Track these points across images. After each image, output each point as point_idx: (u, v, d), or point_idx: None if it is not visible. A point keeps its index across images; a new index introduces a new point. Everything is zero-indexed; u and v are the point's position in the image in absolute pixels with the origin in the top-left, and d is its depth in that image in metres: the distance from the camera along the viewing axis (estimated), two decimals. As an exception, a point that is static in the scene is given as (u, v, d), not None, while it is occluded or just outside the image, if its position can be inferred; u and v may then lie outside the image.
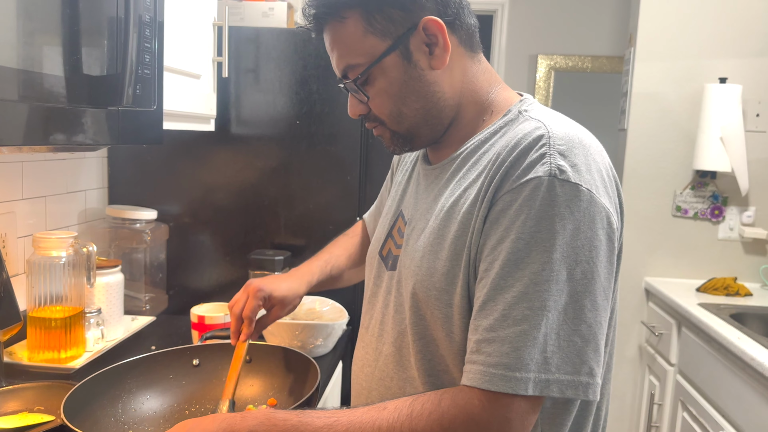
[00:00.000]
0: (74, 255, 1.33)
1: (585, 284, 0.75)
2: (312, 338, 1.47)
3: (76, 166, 1.67)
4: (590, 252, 0.75)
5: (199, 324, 1.48)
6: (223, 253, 1.81)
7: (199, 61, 1.51)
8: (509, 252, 0.75)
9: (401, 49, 0.85)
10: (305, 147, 1.75)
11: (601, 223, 0.76)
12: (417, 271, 0.87)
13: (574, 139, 0.79)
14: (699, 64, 2.65)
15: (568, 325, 0.74)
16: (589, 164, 0.78)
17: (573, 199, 0.75)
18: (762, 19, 2.60)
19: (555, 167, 0.75)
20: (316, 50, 1.71)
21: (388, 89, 0.87)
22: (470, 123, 0.92)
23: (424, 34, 0.85)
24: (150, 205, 1.76)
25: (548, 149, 0.77)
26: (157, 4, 1.10)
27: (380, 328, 0.96)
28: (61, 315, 1.31)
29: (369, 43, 0.85)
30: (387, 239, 1.01)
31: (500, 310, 0.75)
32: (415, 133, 0.91)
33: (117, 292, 1.50)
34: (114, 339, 1.47)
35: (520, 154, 0.78)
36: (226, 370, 1.18)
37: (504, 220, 0.77)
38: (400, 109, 0.89)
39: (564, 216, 0.74)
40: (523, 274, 0.74)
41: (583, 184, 0.75)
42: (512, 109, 0.89)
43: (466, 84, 0.90)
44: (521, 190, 0.76)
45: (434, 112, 0.89)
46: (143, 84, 1.05)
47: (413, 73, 0.86)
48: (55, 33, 0.89)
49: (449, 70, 0.88)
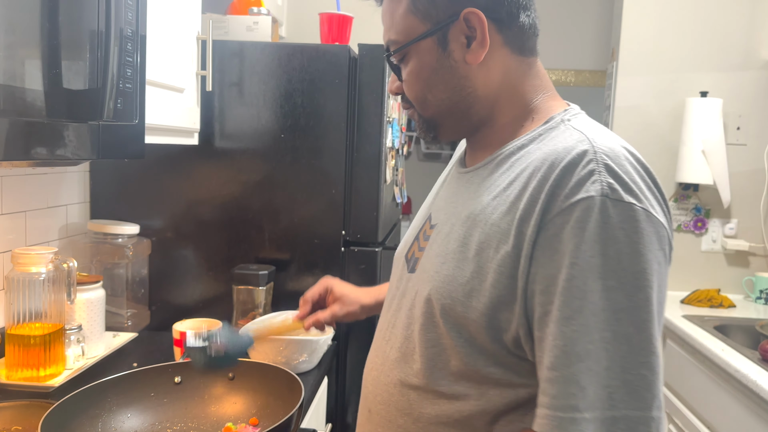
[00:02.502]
0: (54, 271, 1.31)
1: (648, 311, 0.70)
2: (296, 354, 1.45)
3: (58, 180, 1.65)
4: (650, 276, 0.70)
5: (181, 340, 1.46)
6: (206, 268, 1.79)
7: (183, 75, 1.51)
8: (564, 281, 0.71)
9: (439, 35, 0.84)
10: (290, 161, 1.74)
11: (659, 242, 0.72)
12: (435, 277, 0.84)
13: (620, 154, 0.75)
14: (680, 78, 2.68)
15: (633, 357, 0.69)
16: (638, 179, 0.74)
17: (628, 220, 0.70)
18: (741, 34, 2.65)
19: (606, 186, 0.71)
20: (300, 64, 1.71)
21: (419, 73, 0.87)
22: (508, 126, 0.87)
23: (465, 26, 0.83)
24: (132, 219, 1.74)
25: (596, 165, 0.73)
26: (139, 18, 1.09)
27: (390, 332, 0.93)
28: (41, 332, 1.29)
29: (409, 23, 0.85)
30: (414, 242, 0.97)
31: (561, 347, 0.70)
32: (439, 122, 0.90)
33: (98, 308, 1.47)
34: (95, 356, 1.44)
35: (565, 171, 0.73)
36: (208, 388, 1.18)
37: (557, 247, 0.72)
38: (425, 94, 0.88)
39: (619, 239, 0.70)
40: (582, 305, 0.69)
41: (636, 202, 0.71)
42: (555, 116, 0.85)
43: (506, 85, 0.86)
44: (571, 211, 0.71)
45: (461, 106, 0.87)
46: (125, 98, 1.04)
47: (445, 63, 0.85)
48: (35, 47, 0.88)
49: (485, 68, 0.85)
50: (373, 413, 0.92)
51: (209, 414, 1.15)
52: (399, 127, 2.04)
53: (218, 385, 1.18)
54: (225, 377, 1.18)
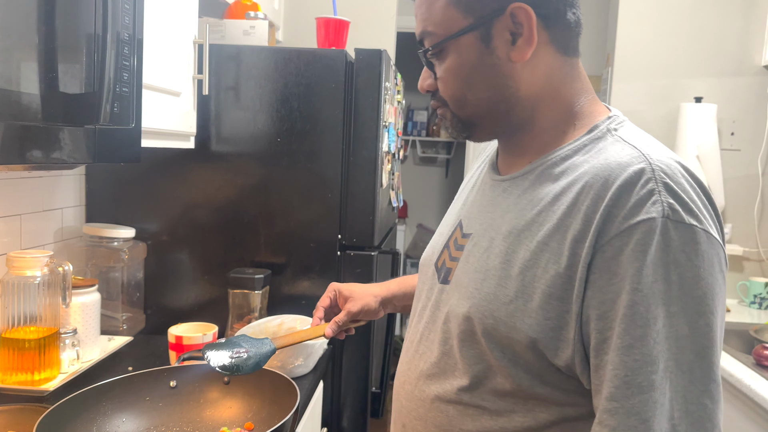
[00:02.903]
0: (49, 274, 1.30)
1: (710, 337, 0.67)
2: (292, 358, 1.45)
3: (53, 183, 1.65)
4: (712, 301, 0.68)
5: (176, 345, 1.46)
6: (201, 271, 1.79)
7: (179, 79, 1.51)
8: (625, 307, 0.67)
9: (482, 30, 0.78)
10: (286, 164, 1.75)
11: (718, 265, 0.69)
12: (475, 294, 0.80)
13: (676, 171, 0.71)
14: (675, 84, 2.70)
15: (695, 386, 0.67)
16: (696, 198, 0.70)
17: (689, 243, 0.67)
18: (736, 40, 2.66)
19: (667, 207, 0.68)
20: (297, 68, 1.71)
21: (458, 70, 0.81)
22: (548, 131, 0.83)
23: (511, 21, 0.77)
24: (128, 223, 1.74)
25: (655, 185, 0.69)
26: (136, 22, 1.09)
27: (423, 345, 0.89)
28: (35, 336, 1.28)
29: (449, 15, 0.79)
30: (443, 249, 0.93)
31: (622, 377, 0.67)
32: (476, 123, 0.84)
33: (93, 312, 1.47)
34: (90, 360, 1.44)
35: (621, 190, 0.70)
36: (203, 392, 1.17)
37: (616, 270, 0.68)
38: (464, 93, 0.82)
39: (681, 263, 0.67)
40: (644, 333, 0.66)
41: (697, 224, 0.68)
42: (600, 125, 0.80)
43: (549, 87, 0.81)
44: (631, 233, 0.68)
45: (501, 107, 0.82)
46: (121, 102, 1.04)
47: (488, 60, 0.79)
48: (31, 50, 0.88)
49: (530, 67, 0.80)
50: (408, 428, 0.89)
51: (204, 418, 1.15)
52: (395, 132, 2.04)
53: (213, 390, 1.17)
54: (220, 381, 1.18)
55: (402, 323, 4.55)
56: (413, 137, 4.72)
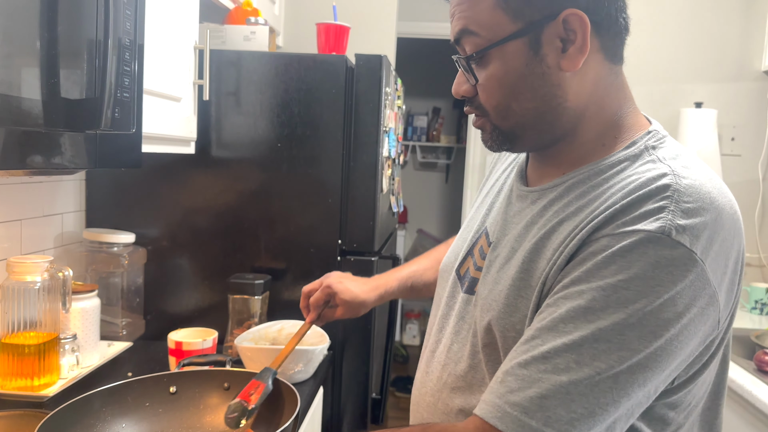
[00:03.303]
0: (49, 280, 1.30)
1: (653, 360, 0.65)
2: (292, 364, 1.45)
3: (53, 188, 1.65)
4: (676, 330, 0.65)
5: (176, 350, 1.46)
6: (201, 277, 1.78)
7: (180, 84, 1.51)
8: (585, 299, 0.66)
9: (531, 36, 0.73)
10: (286, 170, 1.75)
11: (701, 301, 0.66)
12: (494, 306, 0.78)
13: (706, 199, 0.68)
14: (675, 89, 2.70)
15: (612, 393, 0.64)
16: (714, 233, 0.67)
17: (680, 267, 0.64)
18: (736, 45, 2.67)
19: (671, 225, 0.65)
20: (297, 74, 1.71)
21: (503, 78, 0.75)
22: (588, 143, 0.79)
23: (563, 28, 0.73)
24: (128, 228, 1.73)
25: (670, 203, 0.66)
26: (137, 27, 1.09)
27: (447, 356, 0.87)
28: (35, 341, 1.28)
29: (496, 19, 0.74)
30: (467, 257, 0.91)
31: (543, 351, 0.66)
32: (519, 134, 0.79)
33: (93, 318, 1.47)
34: (89, 365, 1.44)
35: (635, 200, 0.68)
36: (204, 398, 1.17)
37: (590, 263, 0.67)
38: (509, 103, 0.77)
39: (663, 282, 0.64)
40: (588, 327, 0.65)
41: (697, 253, 0.65)
42: (638, 141, 0.77)
43: (596, 96, 0.77)
44: (622, 238, 0.66)
45: (548, 117, 0.77)
46: (122, 107, 1.04)
47: (536, 69, 0.74)
48: (33, 56, 0.88)
49: (580, 76, 0.75)
50: None
51: (204, 424, 1.15)
52: (395, 137, 2.04)
53: (214, 395, 1.17)
54: (220, 387, 1.17)
55: (402, 329, 4.54)
56: (413, 142, 4.72)
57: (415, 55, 4.15)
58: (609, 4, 0.75)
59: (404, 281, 1.25)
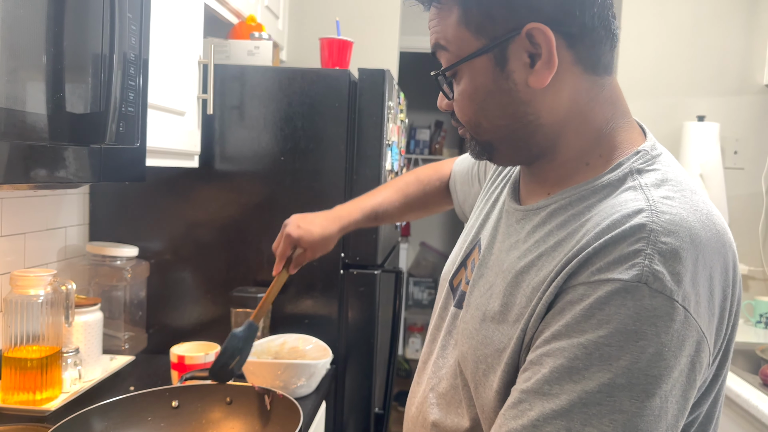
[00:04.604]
0: (53, 293, 1.30)
1: (647, 421, 0.59)
2: (295, 378, 1.44)
3: (57, 202, 1.65)
4: (667, 384, 0.60)
5: (178, 364, 1.45)
6: (204, 290, 1.78)
7: (184, 98, 1.52)
8: (566, 357, 0.61)
9: (495, 53, 0.70)
10: (289, 183, 1.75)
11: (689, 349, 0.61)
12: (474, 335, 0.76)
13: (685, 236, 0.62)
14: (678, 103, 2.70)
15: None
16: (696, 272, 0.62)
17: (662, 317, 0.59)
18: (738, 59, 2.68)
19: (649, 273, 0.60)
20: (300, 88, 1.72)
21: (472, 95, 0.74)
22: (570, 162, 0.75)
23: (529, 43, 0.69)
24: (131, 241, 1.74)
25: (646, 246, 0.61)
26: (142, 42, 1.10)
27: (432, 371, 0.86)
28: (38, 355, 1.28)
29: (461, 35, 0.72)
30: (460, 268, 0.88)
31: (532, 418, 0.62)
32: (495, 147, 0.77)
33: (96, 331, 1.47)
34: (92, 379, 1.43)
35: (610, 241, 0.63)
36: (206, 412, 1.16)
37: (569, 315, 0.63)
38: (479, 120, 0.75)
39: (646, 336, 0.59)
40: (574, 389, 0.60)
41: (678, 299, 0.60)
42: (624, 162, 0.71)
43: (575, 112, 0.73)
44: (599, 287, 0.61)
45: (520, 134, 0.74)
46: (127, 121, 1.05)
47: (503, 85, 0.71)
48: (38, 71, 0.88)
49: (554, 92, 0.71)
50: None
51: (207, 439, 1.14)
52: (398, 150, 2.05)
53: (216, 410, 1.16)
54: (223, 402, 1.17)
55: (405, 343, 4.52)
56: (416, 156, 4.73)
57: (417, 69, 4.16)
58: (583, 13, 0.69)
59: (368, 213, 1.26)
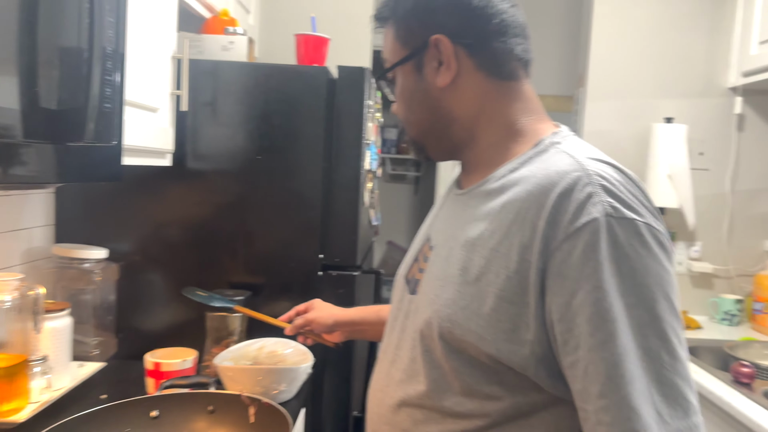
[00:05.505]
0: (20, 299, 1.23)
1: (666, 320, 0.72)
2: (275, 384, 1.40)
3: (21, 202, 1.57)
4: (664, 286, 0.73)
5: (155, 371, 1.39)
6: (176, 293, 1.71)
7: (157, 94, 1.46)
8: (589, 306, 0.72)
9: (415, 60, 0.90)
10: (265, 182, 1.70)
11: (663, 252, 0.74)
12: (435, 300, 0.85)
13: (612, 173, 0.77)
14: (646, 104, 2.74)
15: (666, 369, 0.71)
16: (632, 195, 0.76)
17: (634, 236, 0.73)
18: (702, 62, 2.73)
19: (608, 206, 0.73)
20: (278, 85, 1.68)
21: (401, 94, 0.94)
22: (491, 147, 0.90)
23: (436, 51, 0.88)
24: (100, 243, 1.66)
25: (593, 188, 0.74)
26: (119, 35, 1.05)
27: (394, 354, 0.95)
28: (4, 364, 1.21)
29: (395, 47, 0.93)
30: (414, 263, 0.99)
31: (604, 373, 0.71)
32: (424, 142, 0.95)
33: (65, 338, 1.40)
34: (61, 388, 1.36)
35: (562, 197, 0.75)
36: (187, 422, 1.13)
37: (570, 273, 0.73)
38: (408, 115, 0.94)
39: (630, 256, 0.72)
40: (614, 328, 0.71)
41: (638, 218, 0.74)
42: (544, 139, 0.87)
43: (486, 108, 0.90)
44: (578, 235, 0.73)
45: (438, 126, 0.92)
46: (104, 118, 0.99)
47: (421, 86, 0.91)
48: (11, 65, 0.83)
49: (457, 91, 0.89)
50: None
51: (188, 450, 1.10)
52: (376, 149, 2.02)
53: (198, 419, 1.12)
54: (205, 411, 1.13)
55: (372, 342, 4.50)
56: (384, 155, 4.71)
57: (385, 68, 4.14)
58: (478, 30, 0.87)
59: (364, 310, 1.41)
